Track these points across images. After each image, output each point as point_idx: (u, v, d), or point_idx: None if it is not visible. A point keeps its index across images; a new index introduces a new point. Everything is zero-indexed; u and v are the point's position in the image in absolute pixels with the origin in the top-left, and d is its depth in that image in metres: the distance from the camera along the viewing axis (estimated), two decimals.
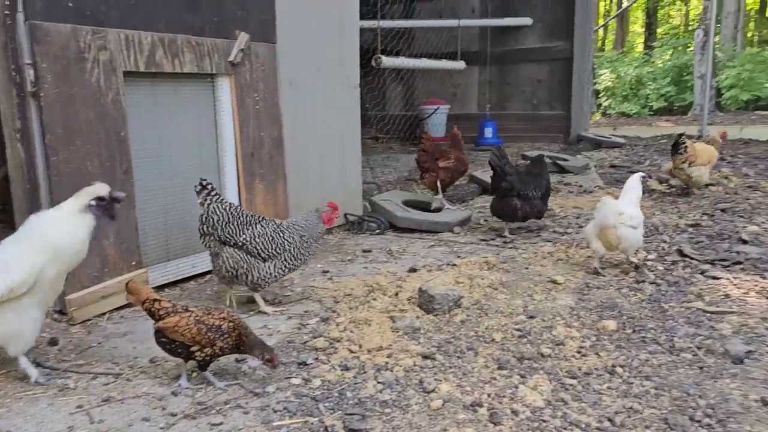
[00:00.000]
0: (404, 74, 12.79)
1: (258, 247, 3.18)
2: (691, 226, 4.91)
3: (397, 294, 3.50)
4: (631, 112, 17.45)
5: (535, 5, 11.38)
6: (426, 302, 3.24)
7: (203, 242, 3.26)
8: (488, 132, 10.62)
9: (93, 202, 2.50)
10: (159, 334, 2.44)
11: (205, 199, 3.20)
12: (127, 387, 2.49)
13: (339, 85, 4.80)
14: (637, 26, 29.48)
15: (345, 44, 4.79)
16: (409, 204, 5.48)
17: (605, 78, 18.76)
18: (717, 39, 18.08)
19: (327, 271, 4.03)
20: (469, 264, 4.02)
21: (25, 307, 2.40)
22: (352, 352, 2.76)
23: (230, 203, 3.28)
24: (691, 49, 17.28)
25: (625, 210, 3.65)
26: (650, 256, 4.15)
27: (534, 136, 11.56)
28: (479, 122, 10.77)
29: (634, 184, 3.84)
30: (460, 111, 12.22)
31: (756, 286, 3.49)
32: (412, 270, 3.96)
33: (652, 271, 3.82)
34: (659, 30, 26.02)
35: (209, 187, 3.23)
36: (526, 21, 11.33)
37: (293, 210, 4.40)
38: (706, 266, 3.88)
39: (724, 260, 3.98)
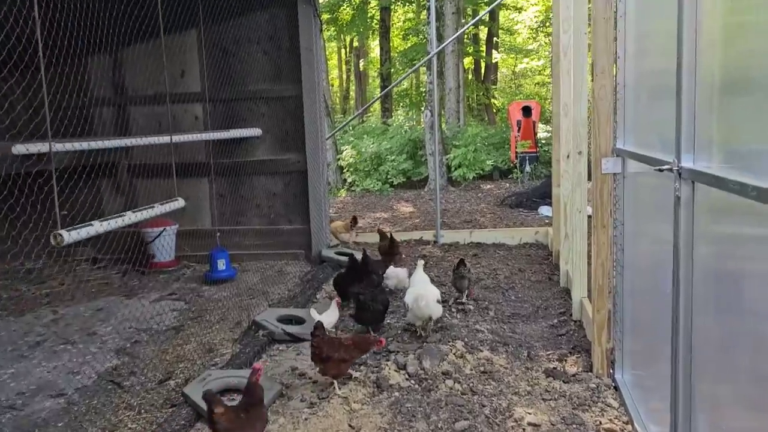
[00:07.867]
0: (124, 185, 11.13)
1: None
2: None
3: None
4: (374, 189, 17.68)
5: (262, 115, 10.63)
6: None
7: None
8: (221, 264, 9.45)
9: None
10: None
11: None
12: None
13: None
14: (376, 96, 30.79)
15: None
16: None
17: (347, 154, 18.85)
18: (443, 116, 19.38)
19: None
20: None
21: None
22: None
23: None
24: (422, 126, 18.21)
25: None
26: None
27: (275, 252, 10.75)
28: (211, 253, 9.54)
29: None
30: (191, 227, 10.91)
31: None
32: None
33: None
34: (394, 91, 27.45)
35: None
36: (256, 132, 10.52)
37: None
38: None
39: None
